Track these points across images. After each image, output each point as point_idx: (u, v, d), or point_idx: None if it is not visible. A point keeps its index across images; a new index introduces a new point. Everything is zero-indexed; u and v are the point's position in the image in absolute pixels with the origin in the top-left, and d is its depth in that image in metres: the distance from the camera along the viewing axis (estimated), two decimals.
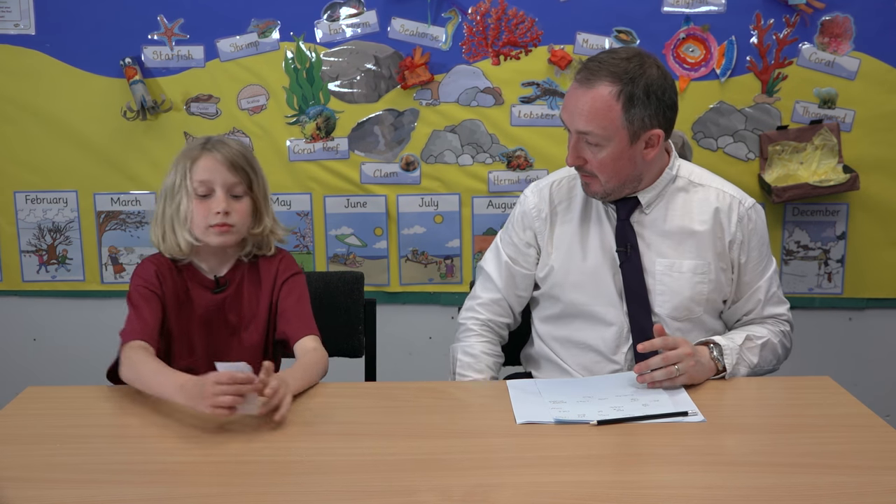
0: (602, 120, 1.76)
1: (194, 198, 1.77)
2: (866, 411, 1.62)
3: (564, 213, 1.98)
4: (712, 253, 1.90)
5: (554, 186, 2.00)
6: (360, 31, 2.85)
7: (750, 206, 1.92)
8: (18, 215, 2.98)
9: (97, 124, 2.89)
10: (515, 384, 1.77)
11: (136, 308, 1.78)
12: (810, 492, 1.31)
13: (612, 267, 1.92)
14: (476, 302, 2.06)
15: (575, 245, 1.95)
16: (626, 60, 1.78)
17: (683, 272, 1.89)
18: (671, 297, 1.89)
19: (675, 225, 1.90)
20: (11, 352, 3.08)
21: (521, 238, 2.01)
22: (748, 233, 1.91)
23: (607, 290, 1.92)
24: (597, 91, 1.76)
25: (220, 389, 1.48)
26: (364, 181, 2.93)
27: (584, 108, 1.77)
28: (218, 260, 1.86)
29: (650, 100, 1.77)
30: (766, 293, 1.95)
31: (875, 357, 3.03)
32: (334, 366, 2.14)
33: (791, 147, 2.83)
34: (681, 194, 1.92)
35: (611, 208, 1.93)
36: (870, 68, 2.79)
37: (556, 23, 2.81)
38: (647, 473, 1.38)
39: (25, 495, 1.32)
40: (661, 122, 1.80)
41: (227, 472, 1.40)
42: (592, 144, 1.80)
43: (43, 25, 2.85)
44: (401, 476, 1.38)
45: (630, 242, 1.90)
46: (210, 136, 1.85)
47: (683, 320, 1.91)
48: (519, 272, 2.01)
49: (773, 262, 1.99)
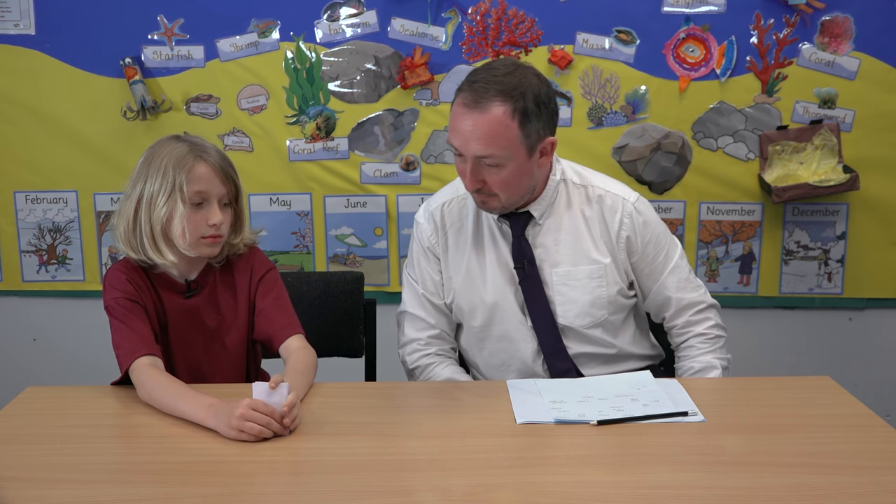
0: (501, 141, 1.72)
1: (190, 208, 1.70)
2: (866, 411, 1.62)
3: (457, 236, 1.95)
4: (607, 254, 1.89)
5: (445, 209, 1.96)
6: (360, 31, 2.85)
7: (635, 201, 1.90)
8: (18, 215, 2.98)
9: (97, 124, 2.89)
10: (515, 384, 1.77)
11: (126, 321, 1.72)
12: (810, 492, 1.31)
13: (512, 285, 1.90)
14: (416, 343, 1.99)
15: (473, 268, 1.92)
16: (508, 75, 1.72)
17: (580, 279, 1.88)
18: (571, 305, 1.89)
19: (568, 231, 1.89)
20: (11, 352, 3.08)
21: (428, 269, 1.98)
22: (637, 228, 1.89)
23: (511, 309, 1.91)
24: (491, 114, 1.70)
25: (254, 416, 1.45)
26: (364, 181, 2.93)
27: (480, 132, 1.71)
28: (188, 264, 1.79)
29: (541, 110, 1.74)
30: (674, 288, 1.93)
31: (875, 357, 3.03)
32: (334, 366, 2.14)
33: (791, 147, 2.83)
34: (570, 199, 1.90)
35: (505, 225, 1.90)
36: (870, 68, 2.79)
37: (556, 23, 2.81)
38: (647, 473, 1.38)
39: (25, 495, 1.32)
40: (551, 129, 1.79)
41: (227, 472, 1.40)
42: (492, 166, 1.75)
43: (43, 25, 2.85)
44: (401, 476, 1.38)
45: (527, 258, 1.88)
46: (186, 138, 1.75)
47: (593, 327, 1.91)
48: (440, 304, 1.98)
49: (677, 248, 1.95)
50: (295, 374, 1.68)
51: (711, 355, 1.93)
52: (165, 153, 1.72)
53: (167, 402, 1.59)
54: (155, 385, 1.63)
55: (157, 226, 1.71)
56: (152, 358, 1.69)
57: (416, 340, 1.99)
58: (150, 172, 1.71)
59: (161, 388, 1.62)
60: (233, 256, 1.84)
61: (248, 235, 1.85)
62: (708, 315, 1.96)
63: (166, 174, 1.69)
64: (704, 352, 1.94)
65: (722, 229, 2.92)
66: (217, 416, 1.50)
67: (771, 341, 3.02)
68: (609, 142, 2.87)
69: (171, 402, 1.59)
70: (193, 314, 1.80)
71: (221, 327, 1.83)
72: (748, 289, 2.96)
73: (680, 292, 1.94)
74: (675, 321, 1.97)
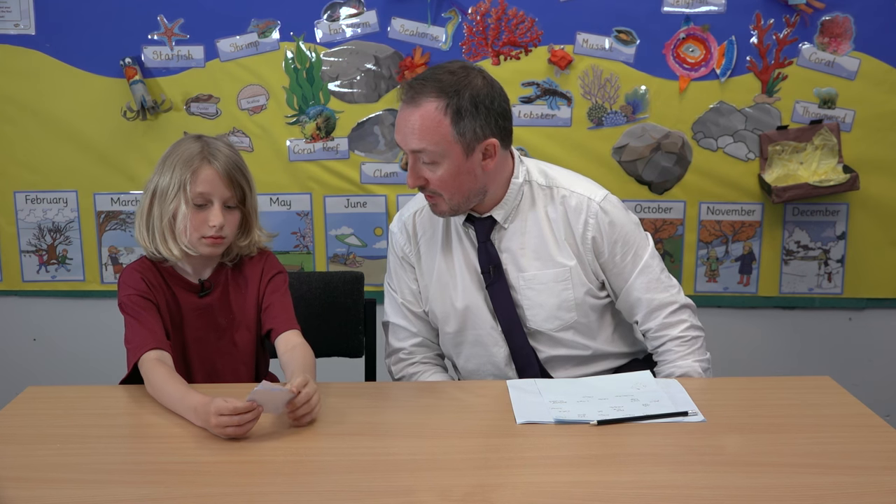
0: (433, 136, 1.73)
1: (192, 208, 1.74)
2: (866, 411, 1.62)
3: (429, 244, 1.96)
4: (573, 256, 1.88)
5: (417, 217, 1.98)
6: (360, 31, 2.85)
7: (601, 200, 1.88)
8: (18, 215, 2.98)
9: (97, 124, 2.89)
10: (515, 384, 1.77)
11: (137, 317, 1.75)
12: (810, 492, 1.31)
13: (481, 290, 1.91)
14: (401, 353, 2.01)
15: (444, 275, 1.93)
16: (449, 74, 1.75)
17: (546, 283, 1.88)
18: (539, 309, 1.88)
19: (533, 235, 1.88)
20: (11, 352, 3.08)
21: (405, 278, 1.99)
22: (603, 228, 1.87)
23: (482, 314, 1.91)
24: (424, 108, 1.73)
25: (222, 421, 1.47)
26: (364, 181, 2.93)
27: (414, 126, 1.74)
28: (201, 263, 1.83)
29: (478, 110, 1.74)
30: (643, 289, 1.89)
31: (875, 357, 3.03)
32: (334, 366, 2.14)
33: (791, 147, 2.83)
34: (535, 201, 1.89)
35: (471, 230, 1.90)
36: (870, 68, 2.79)
37: (556, 23, 2.81)
38: (647, 473, 1.38)
39: (25, 495, 1.32)
40: (493, 131, 1.78)
41: (227, 472, 1.40)
42: (429, 163, 1.77)
43: (43, 25, 2.85)
44: (401, 476, 1.38)
45: (493, 263, 1.88)
46: (205, 139, 1.79)
47: (563, 329, 1.90)
48: (420, 312, 2.00)
49: (648, 247, 1.91)
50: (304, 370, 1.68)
51: (690, 358, 1.89)
52: (180, 150, 1.77)
53: (164, 400, 1.63)
54: (156, 380, 1.65)
55: (165, 219, 1.75)
56: (160, 352, 1.71)
57: (401, 350, 2.01)
58: (165, 168, 1.76)
59: (161, 384, 1.64)
60: (245, 257, 1.87)
61: (260, 238, 1.87)
62: (682, 317, 1.91)
63: (175, 171, 1.74)
64: (682, 355, 1.89)
65: (722, 229, 2.92)
66: (199, 418, 1.53)
67: (771, 341, 3.02)
68: (609, 142, 2.87)
69: (166, 400, 1.62)
70: (207, 313, 1.83)
71: (232, 326, 1.85)
72: (748, 289, 2.96)
73: (650, 293, 1.89)
74: (648, 324, 1.92)
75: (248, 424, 1.49)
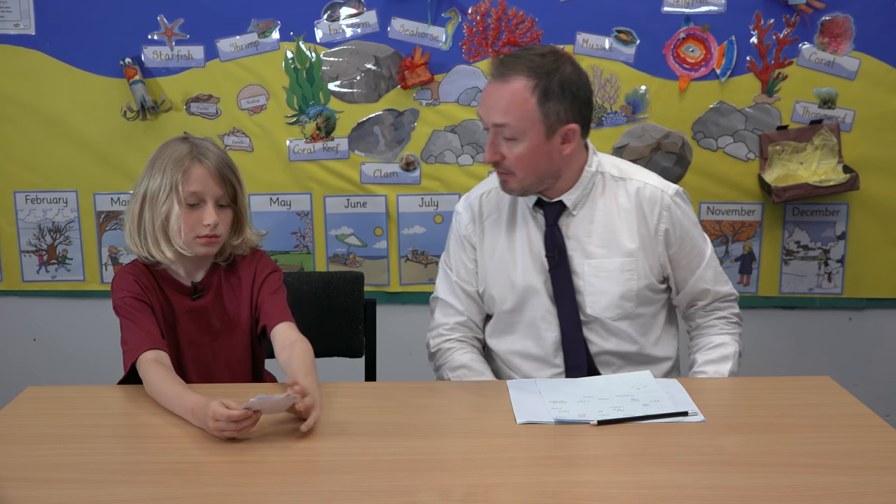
0: (518, 112, 1.78)
1: (185, 208, 1.74)
2: (866, 411, 1.62)
3: (494, 226, 1.98)
4: (639, 247, 1.91)
5: (483, 199, 2.00)
6: (360, 31, 2.85)
7: (673, 194, 1.93)
8: (18, 215, 2.98)
9: (97, 124, 2.89)
10: (515, 384, 1.77)
11: (133, 319, 1.74)
12: (810, 492, 1.31)
13: (542, 273, 1.93)
14: (442, 328, 2.03)
15: (506, 256, 1.95)
16: (540, 56, 1.80)
17: (611, 271, 1.90)
18: (600, 297, 1.90)
19: (602, 224, 1.91)
20: (11, 352, 3.08)
21: (463, 257, 2.01)
22: (675, 220, 1.92)
23: (540, 296, 1.93)
24: (512, 85, 1.78)
25: (219, 426, 1.47)
26: (364, 181, 2.93)
27: (501, 101, 1.79)
28: (194, 265, 1.83)
29: (565, 94, 1.79)
30: (712, 281, 1.98)
31: (875, 357, 3.03)
32: (334, 366, 2.14)
33: (791, 147, 2.83)
34: (606, 191, 1.93)
35: (539, 214, 1.93)
36: (870, 68, 2.79)
37: (556, 23, 2.81)
38: (647, 473, 1.38)
39: (26, 495, 1.32)
40: (576, 116, 1.82)
41: (227, 472, 1.40)
42: (509, 139, 1.81)
43: (43, 25, 2.85)
44: (401, 476, 1.38)
45: (559, 247, 1.91)
46: (192, 140, 1.79)
47: (620, 319, 1.92)
48: (472, 291, 2.01)
49: (708, 244, 2.01)
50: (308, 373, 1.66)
51: (731, 336, 1.99)
52: (168, 152, 1.76)
53: (163, 400, 1.63)
54: (154, 380, 1.65)
55: (158, 221, 1.74)
56: (157, 352, 1.71)
57: (443, 325, 2.03)
58: (154, 171, 1.76)
59: (159, 384, 1.64)
60: (238, 258, 1.87)
61: (251, 237, 1.87)
62: (733, 304, 2.04)
63: (166, 173, 1.74)
64: (725, 332, 1.99)
65: (722, 229, 2.92)
66: (197, 419, 1.53)
67: (771, 341, 3.02)
68: (609, 142, 2.87)
69: (165, 400, 1.62)
70: (201, 315, 1.83)
71: (227, 327, 1.85)
72: (748, 289, 2.96)
73: (717, 285, 1.99)
74: (700, 304, 2.01)
75: (246, 428, 1.49)
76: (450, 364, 1.97)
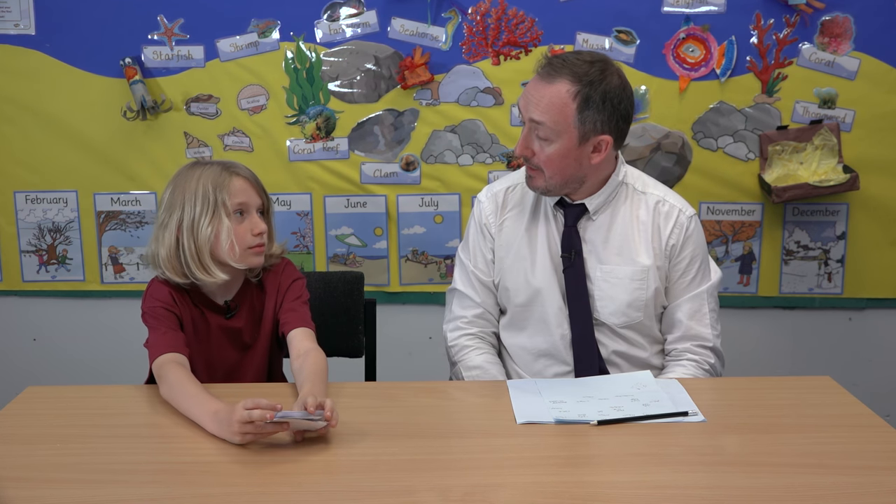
0: (556, 115, 1.79)
1: (234, 220, 1.75)
2: (866, 411, 1.62)
3: (515, 219, 2.00)
4: (651, 259, 1.92)
5: (509, 192, 2.02)
6: (360, 31, 2.85)
7: (690, 216, 1.94)
8: (18, 215, 2.98)
9: (97, 124, 2.89)
10: (515, 384, 1.77)
11: (158, 323, 1.76)
12: (810, 492, 1.31)
13: (556, 272, 1.94)
14: (460, 321, 2.04)
15: (523, 250, 1.97)
16: (589, 64, 1.80)
17: (621, 278, 1.91)
18: (609, 302, 1.91)
19: (619, 232, 1.92)
20: (11, 352, 3.08)
21: (482, 245, 2.02)
22: (682, 239, 1.92)
23: (552, 294, 1.94)
24: (556, 87, 1.79)
25: (246, 429, 1.45)
26: (364, 181, 2.93)
27: (542, 100, 1.80)
28: (225, 284, 1.82)
29: (605, 106, 1.79)
30: (688, 314, 1.93)
31: (875, 357, 3.03)
32: (334, 366, 2.13)
33: (791, 147, 2.83)
34: (628, 202, 1.94)
35: (560, 213, 1.95)
36: (870, 68, 2.79)
37: (556, 23, 2.81)
38: (647, 473, 1.38)
39: (26, 495, 1.32)
40: (612, 129, 1.82)
41: (227, 472, 1.40)
42: (542, 138, 1.82)
43: (43, 25, 2.85)
44: (401, 476, 1.38)
45: (575, 248, 1.92)
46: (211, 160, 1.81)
47: (626, 328, 1.93)
48: (489, 282, 2.02)
49: (710, 282, 1.96)
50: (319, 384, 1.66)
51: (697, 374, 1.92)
52: (196, 178, 1.76)
53: (179, 402, 1.61)
54: (171, 382, 1.64)
55: (205, 247, 1.75)
56: (175, 355, 1.71)
57: (461, 318, 2.04)
58: (187, 199, 1.75)
59: (176, 387, 1.63)
60: (267, 268, 1.89)
61: (276, 246, 1.89)
62: (709, 355, 1.94)
63: (206, 196, 1.74)
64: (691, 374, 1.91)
65: (722, 229, 2.92)
66: (220, 423, 1.50)
67: (771, 341, 3.02)
68: None
69: (182, 403, 1.61)
70: (234, 333, 1.85)
71: (255, 340, 1.88)
72: (748, 289, 2.96)
73: (692, 321, 1.94)
74: (675, 346, 1.96)
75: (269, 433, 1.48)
76: (466, 363, 1.99)
